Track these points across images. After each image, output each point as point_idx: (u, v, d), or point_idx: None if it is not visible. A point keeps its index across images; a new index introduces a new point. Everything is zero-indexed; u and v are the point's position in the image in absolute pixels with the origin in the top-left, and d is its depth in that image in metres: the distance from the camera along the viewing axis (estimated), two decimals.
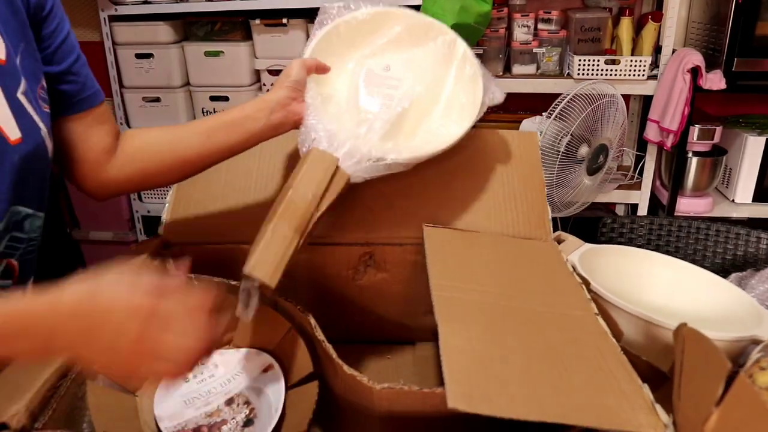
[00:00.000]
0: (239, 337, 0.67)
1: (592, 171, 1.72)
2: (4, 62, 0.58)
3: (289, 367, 0.62)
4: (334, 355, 0.56)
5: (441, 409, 0.40)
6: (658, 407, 0.42)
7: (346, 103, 0.74)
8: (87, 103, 0.69)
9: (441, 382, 0.49)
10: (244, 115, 0.68)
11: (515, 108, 1.95)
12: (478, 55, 1.86)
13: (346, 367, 0.54)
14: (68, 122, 0.68)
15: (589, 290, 0.65)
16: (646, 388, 0.45)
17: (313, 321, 0.62)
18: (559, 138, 1.61)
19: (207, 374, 0.63)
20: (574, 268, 0.70)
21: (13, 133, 0.59)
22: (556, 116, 1.59)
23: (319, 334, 0.60)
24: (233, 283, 0.68)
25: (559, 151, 1.60)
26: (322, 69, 0.73)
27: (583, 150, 1.64)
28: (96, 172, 0.71)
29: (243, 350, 0.66)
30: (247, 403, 0.59)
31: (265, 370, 0.62)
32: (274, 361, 0.63)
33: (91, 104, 0.69)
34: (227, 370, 0.63)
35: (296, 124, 0.68)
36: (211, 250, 0.79)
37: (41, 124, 0.62)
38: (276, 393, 0.59)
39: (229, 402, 0.59)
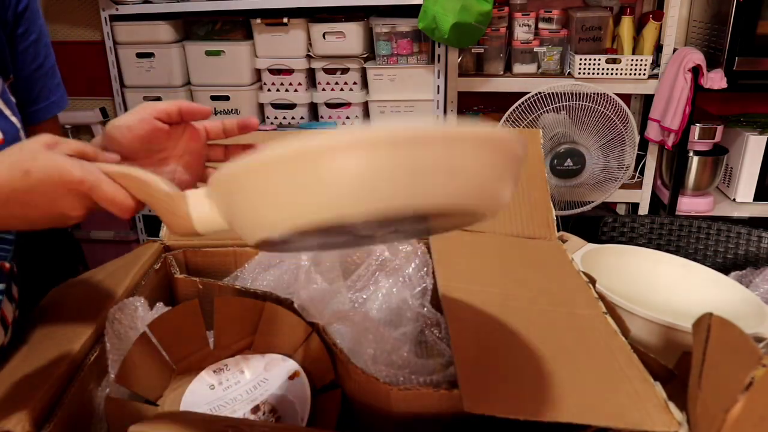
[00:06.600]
0: (261, 341, 0.66)
1: (556, 172, 1.75)
2: None
3: (312, 373, 0.61)
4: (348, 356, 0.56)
5: (457, 410, 0.40)
6: (671, 405, 0.42)
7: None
8: (33, 117, 0.66)
9: (450, 384, 0.49)
10: None
11: None
12: (479, 54, 1.87)
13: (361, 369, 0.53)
14: None
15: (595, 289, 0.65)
16: (658, 386, 0.45)
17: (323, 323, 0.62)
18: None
19: (233, 380, 0.61)
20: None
21: None
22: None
23: (331, 337, 0.60)
24: (237, 286, 0.68)
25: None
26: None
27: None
28: None
29: (268, 356, 0.64)
30: (273, 411, 0.58)
31: (291, 377, 0.61)
32: (299, 368, 0.61)
33: (32, 120, 0.66)
34: (253, 376, 0.62)
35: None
36: (212, 253, 0.79)
37: (18, 124, 0.60)
38: (302, 401, 0.58)
39: (255, 410, 0.58)
